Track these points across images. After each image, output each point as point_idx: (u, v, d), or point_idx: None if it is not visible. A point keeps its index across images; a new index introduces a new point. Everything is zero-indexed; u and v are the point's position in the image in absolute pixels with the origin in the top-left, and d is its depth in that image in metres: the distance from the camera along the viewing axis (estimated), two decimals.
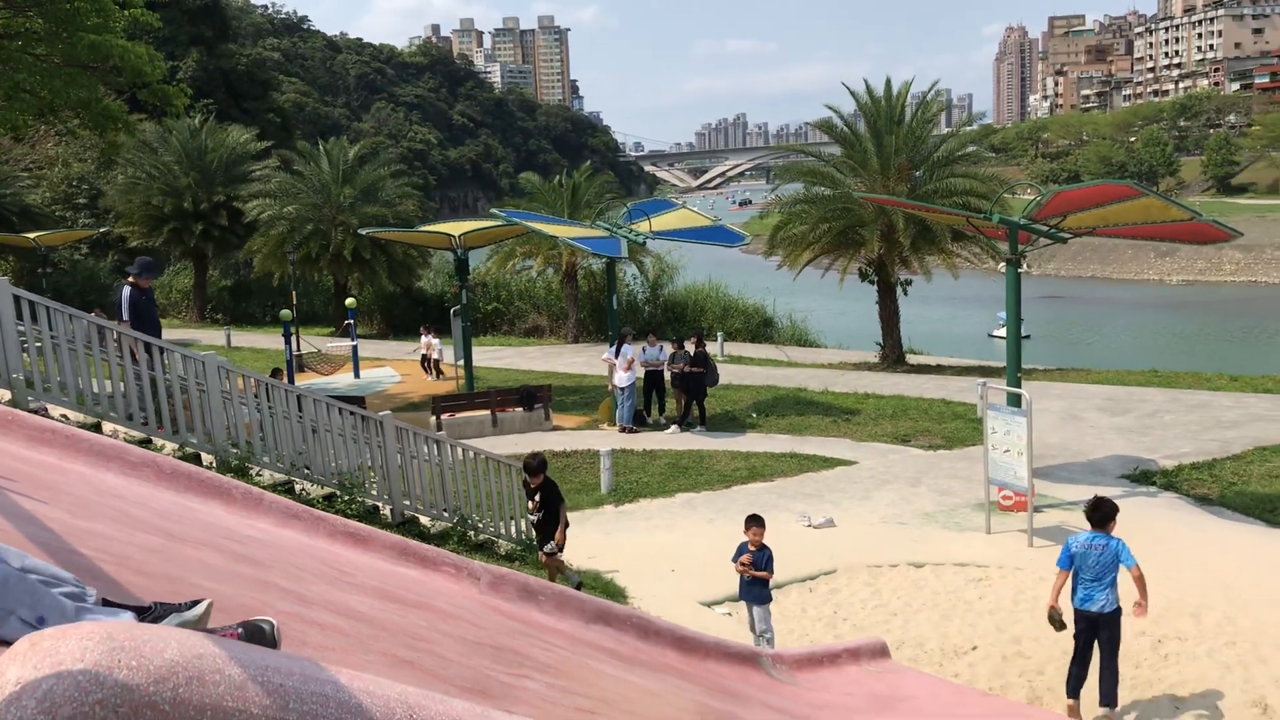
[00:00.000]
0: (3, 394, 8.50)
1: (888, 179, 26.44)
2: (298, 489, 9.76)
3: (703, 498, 15.25)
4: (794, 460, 17.07)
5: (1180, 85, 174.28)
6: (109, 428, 9.10)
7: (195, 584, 3.22)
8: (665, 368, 20.60)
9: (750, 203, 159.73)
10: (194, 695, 1.44)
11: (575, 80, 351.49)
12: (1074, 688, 8.20)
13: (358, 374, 27.69)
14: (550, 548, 10.25)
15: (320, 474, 9.99)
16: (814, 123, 30.24)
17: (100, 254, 44.04)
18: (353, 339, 28.45)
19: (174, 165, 40.38)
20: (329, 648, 2.86)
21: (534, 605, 4.90)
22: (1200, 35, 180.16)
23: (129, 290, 10.37)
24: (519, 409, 20.76)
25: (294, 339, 26.66)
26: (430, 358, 27.75)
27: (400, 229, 30.89)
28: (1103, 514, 8.13)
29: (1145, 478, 15.26)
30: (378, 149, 45.66)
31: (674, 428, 19.93)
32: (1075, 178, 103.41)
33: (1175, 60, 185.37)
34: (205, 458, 9.34)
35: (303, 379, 25.34)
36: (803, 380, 24.52)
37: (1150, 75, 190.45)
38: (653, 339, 21.26)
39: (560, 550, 10.30)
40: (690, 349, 20.11)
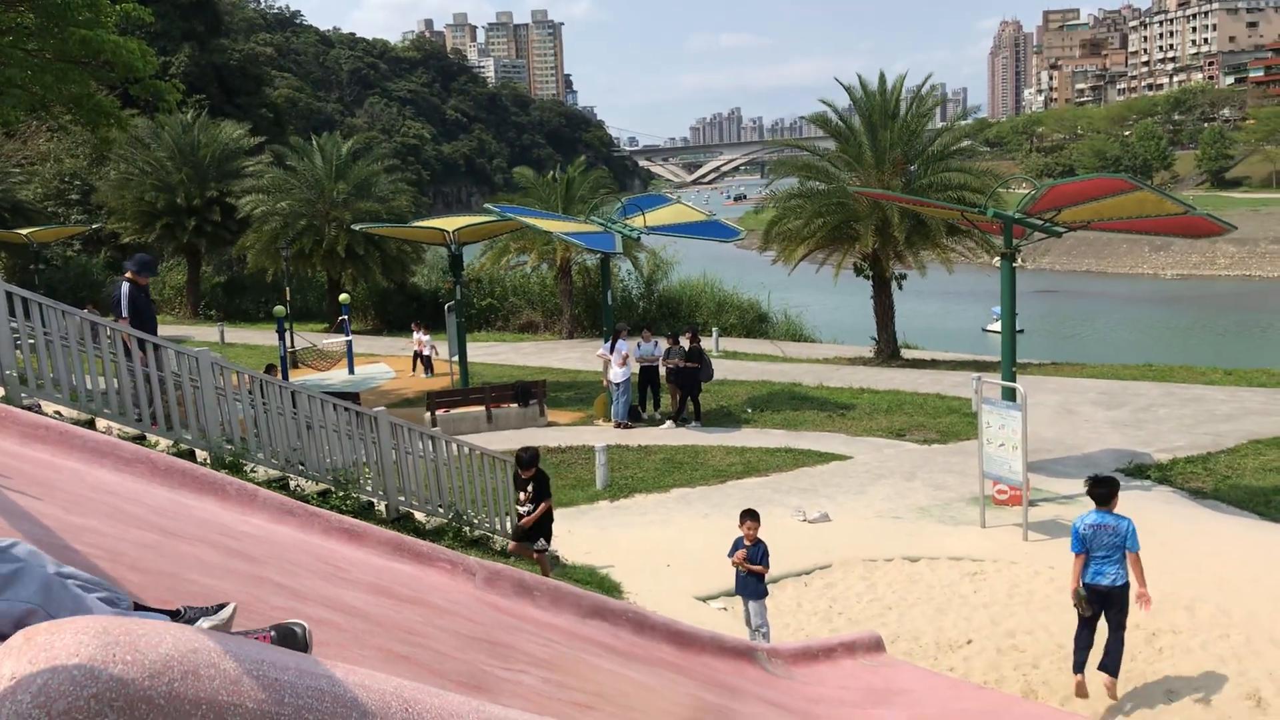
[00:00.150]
0: None
1: (882, 173, 26.43)
2: (292, 485, 9.75)
3: (698, 493, 15.28)
4: (789, 455, 17.09)
5: (1175, 79, 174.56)
6: (103, 424, 9.08)
7: (190, 580, 3.21)
8: (660, 363, 20.60)
9: (745, 198, 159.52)
10: (189, 689, 1.44)
11: (569, 75, 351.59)
12: (1080, 661, 8.28)
13: (352, 370, 27.68)
14: (540, 545, 10.29)
15: (315, 470, 9.98)
16: (809, 117, 30.26)
17: (93, 250, 43.93)
18: (347, 335, 28.43)
19: (166, 161, 40.27)
20: (324, 643, 2.86)
21: (529, 600, 4.90)
22: (1195, 29, 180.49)
23: (128, 287, 10.32)
24: (514, 405, 20.76)
25: (288, 335, 26.63)
26: (421, 354, 27.71)
27: (394, 224, 30.85)
28: (1105, 490, 8.19)
29: (1140, 471, 15.30)
30: (371, 144, 45.57)
31: (669, 423, 19.94)
32: (1070, 172, 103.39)
33: (1170, 54, 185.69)
34: (199, 454, 9.32)
35: (298, 375, 25.33)
36: (798, 375, 24.54)
37: (1145, 69, 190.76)
38: (648, 334, 21.24)
39: (534, 534, 10.30)
40: (685, 344, 20.11)
